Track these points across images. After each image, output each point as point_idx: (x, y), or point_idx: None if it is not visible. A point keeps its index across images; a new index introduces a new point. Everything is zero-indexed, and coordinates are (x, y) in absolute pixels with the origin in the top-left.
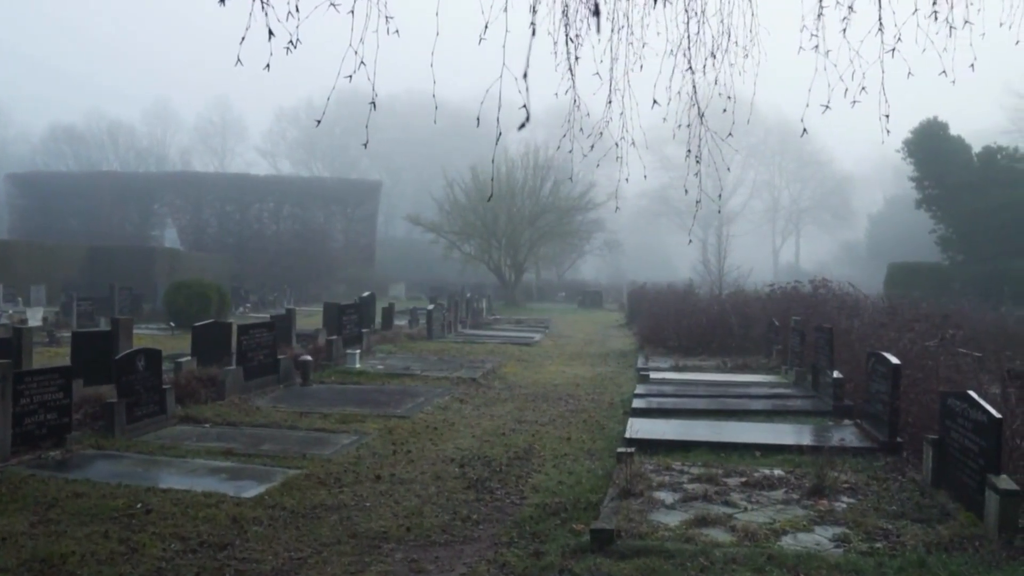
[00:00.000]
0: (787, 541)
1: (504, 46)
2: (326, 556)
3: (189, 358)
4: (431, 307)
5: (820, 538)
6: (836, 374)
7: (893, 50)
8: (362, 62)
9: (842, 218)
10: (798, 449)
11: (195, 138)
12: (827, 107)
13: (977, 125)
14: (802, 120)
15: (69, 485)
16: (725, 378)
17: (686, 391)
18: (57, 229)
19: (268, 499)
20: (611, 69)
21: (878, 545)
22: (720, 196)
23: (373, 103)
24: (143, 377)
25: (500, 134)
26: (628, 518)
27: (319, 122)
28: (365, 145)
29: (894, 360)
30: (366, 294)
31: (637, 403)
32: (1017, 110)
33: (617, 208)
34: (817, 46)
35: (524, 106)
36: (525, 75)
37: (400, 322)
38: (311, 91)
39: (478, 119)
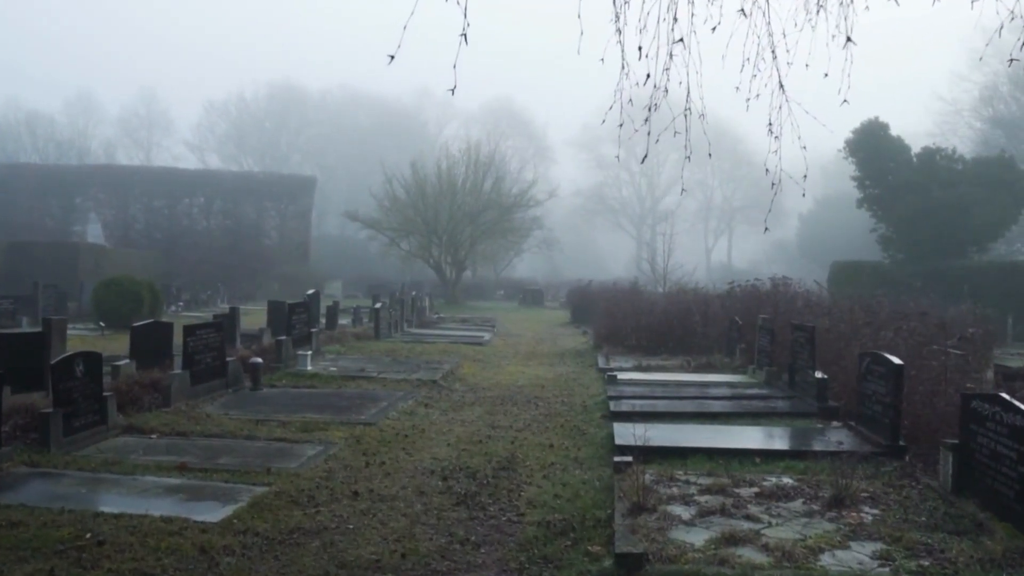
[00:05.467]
0: (827, 560)
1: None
2: None
3: (127, 361)
4: (378, 305)
5: (860, 556)
6: (819, 374)
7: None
8: None
9: (773, 217)
10: (799, 455)
11: (119, 131)
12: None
13: (908, 128)
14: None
15: (2, 512)
16: (693, 378)
17: (659, 392)
18: None
19: (237, 523)
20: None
21: (925, 563)
22: (805, 179)
23: (465, 37)
24: (82, 384)
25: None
26: (649, 538)
27: (392, 58)
28: (452, 91)
29: (896, 360)
30: (311, 292)
31: (614, 406)
32: (942, 114)
33: (683, 190)
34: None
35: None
36: None
37: (343, 321)
38: (242, 84)
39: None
